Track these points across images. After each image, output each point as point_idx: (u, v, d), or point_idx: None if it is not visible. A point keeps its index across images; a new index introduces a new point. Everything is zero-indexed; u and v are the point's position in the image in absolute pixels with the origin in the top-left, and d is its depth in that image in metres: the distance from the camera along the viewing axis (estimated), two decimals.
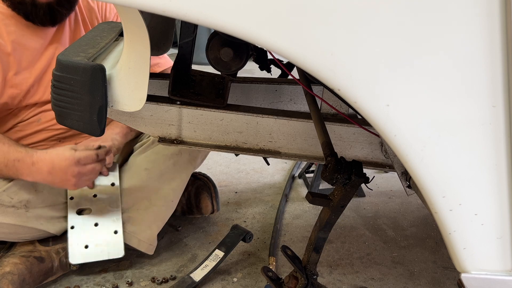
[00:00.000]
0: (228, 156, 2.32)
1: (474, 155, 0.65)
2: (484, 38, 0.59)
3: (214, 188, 1.67)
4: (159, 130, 1.07)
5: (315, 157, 1.10)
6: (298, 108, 1.26)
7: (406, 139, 0.63)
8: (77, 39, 1.02)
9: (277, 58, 1.08)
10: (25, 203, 1.29)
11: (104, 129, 0.86)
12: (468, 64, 0.60)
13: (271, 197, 1.96)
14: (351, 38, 0.59)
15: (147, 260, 1.48)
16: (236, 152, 1.10)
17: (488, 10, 0.58)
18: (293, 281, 0.98)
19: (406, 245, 1.59)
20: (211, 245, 1.57)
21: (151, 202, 1.43)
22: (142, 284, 1.37)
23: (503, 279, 0.71)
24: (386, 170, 1.10)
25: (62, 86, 0.83)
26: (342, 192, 0.85)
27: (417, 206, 1.87)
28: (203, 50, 0.96)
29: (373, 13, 0.58)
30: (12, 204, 1.27)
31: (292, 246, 1.57)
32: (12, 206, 1.27)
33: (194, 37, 1.01)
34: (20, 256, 1.30)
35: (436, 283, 1.38)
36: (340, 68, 0.60)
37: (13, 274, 1.24)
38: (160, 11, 0.58)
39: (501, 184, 0.66)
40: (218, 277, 1.40)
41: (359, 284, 1.39)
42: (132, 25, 0.79)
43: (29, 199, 1.29)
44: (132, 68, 0.81)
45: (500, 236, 0.69)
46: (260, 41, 0.59)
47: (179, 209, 1.65)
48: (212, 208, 1.67)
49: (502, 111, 0.62)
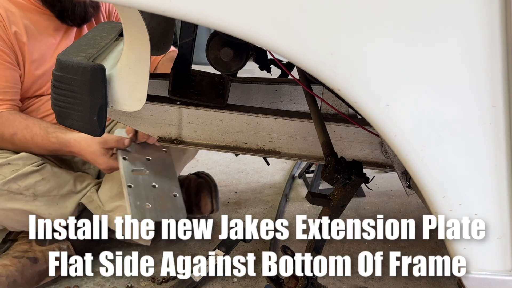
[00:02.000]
0: (228, 156, 2.32)
1: (474, 155, 0.65)
2: (484, 38, 0.59)
3: (214, 187, 1.66)
4: (159, 130, 1.07)
5: (315, 157, 1.10)
6: (298, 108, 1.26)
7: (406, 139, 0.63)
8: (77, 39, 1.02)
9: (277, 58, 1.08)
10: (33, 190, 1.29)
11: (104, 129, 0.86)
12: (468, 64, 0.60)
13: (271, 197, 1.96)
14: (351, 38, 0.59)
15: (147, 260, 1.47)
16: (236, 152, 1.10)
17: (488, 10, 0.58)
18: (293, 281, 0.98)
19: (406, 245, 1.59)
20: (211, 245, 1.57)
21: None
22: (142, 284, 1.36)
23: (503, 279, 0.71)
24: (386, 170, 1.10)
25: (62, 86, 0.83)
26: (342, 192, 0.85)
27: (417, 206, 1.87)
28: (203, 50, 0.96)
29: (373, 13, 0.58)
30: (20, 191, 1.27)
31: (292, 246, 1.57)
32: (20, 193, 1.27)
33: (194, 37, 1.01)
34: (13, 257, 1.29)
35: (436, 283, 1.38)
36: (340, 68, 0.60)
37: (0, 276, 1.23)
38: (160, 11, 0.58)
39: (501, 184, 0.66)
40: (218, 277, 1.40)
41: (359, 284, 1.39)
42: (132, 25, 0.79)
43: (36, 187, 1.30)
44: (132, 68, 0.81)
45: (500, 236, 0.69)
46: (260, 41, 0.59)
47: None
48: (212, 207, 1.65)
49: (502, 111, 0.62)
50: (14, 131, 1.29)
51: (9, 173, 1.26)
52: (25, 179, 1.28)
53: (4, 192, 1.25)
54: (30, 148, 1.32)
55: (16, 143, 1.31)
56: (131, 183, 1.28)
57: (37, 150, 1.33)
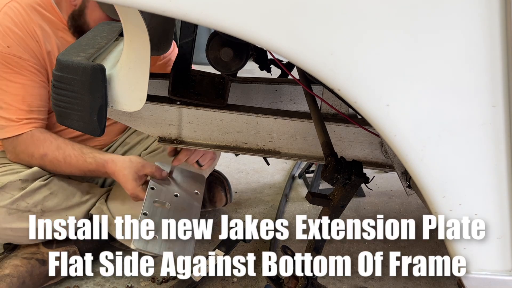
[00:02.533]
0: (228, 156, 2.32)
1: (474, 155, 0.65)
2: (484, 38, 0.59)
3: (226, 181, 1.73)
4: (159, 130, 1.07)
5: (315, 157, 1.10)
6: (298, 108, 1.26)
7: (406, 139, 0.63)
8: (77, 39, 1.02)
9: (277, 58, 1.08)
10: (41, 206, 1.29)
11: (104, 129, 0.86)
12: (468, 64, 0.60)
13: (271, 197, 1.96)
14: (351, 38, 0.59)
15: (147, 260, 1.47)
16: (236, 152, 1.10)
17: (488, 10, 0.58)
18: (293, 281, 0.98)
19: (406, 245, 1.59)
20: (211, 245, 1.57)
21: None
22: (142, 284, 1.36)
23: (503, 279, 0.71)
24: (386, 170, 1.09)
25: (62, 86, 0.83)
26: (342, 192, 0.85)
27: (417, 206, 1.87)
28: (203, 50, 0.96)
29: (373, 13, 0.58)
30: (28, 209, 1.27)
31: (292, 246, 1.57)
32: (28, 211, 1.27)
33: (194, 37, 1.01)
34: (22, 258, 1.30)
35: (436, 283, 1.38)
36: (340, 68, 0.60)
37: (12, 277, 1.23)
38: (160, 11, 0.58)
39: (501, 184, 0.66)
40: (218, 277, 1.40)
41: (359, 284, 1.38)
42: (132, 25, 0.79)
43: (44, 202, 1.30)
44: (132, 68, 0.81)
45: (500, 236, 0.69)
46: (260, 41, 0.59)
47: None
48: (226, 199, 1.73)
49: (502, 111, 0.62)
50: (45, 152, 1.27)
51: (17, 190, 1.26)
52: (33, 195, 1.28)
53: (13, 211, 1.25)
54: (61, 169, 1.30)
55: (46, 164, 1.29)
56: (147, 211, 1.25)
57: (69, 171, 1.32)
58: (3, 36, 1.22)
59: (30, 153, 1.28)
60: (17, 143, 1.27)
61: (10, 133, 1.26)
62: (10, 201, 1.24)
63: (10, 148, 1.30)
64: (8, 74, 1.23)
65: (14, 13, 1.25)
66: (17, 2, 1.27)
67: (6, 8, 1.25)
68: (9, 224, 1.26)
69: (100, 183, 1.60)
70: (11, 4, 1.26)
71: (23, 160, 1.30)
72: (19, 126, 1.26)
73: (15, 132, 1.26)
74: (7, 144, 1.30)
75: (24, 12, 1.26)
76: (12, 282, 1.23)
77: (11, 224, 1.26)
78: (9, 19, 1.24)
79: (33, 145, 1.27)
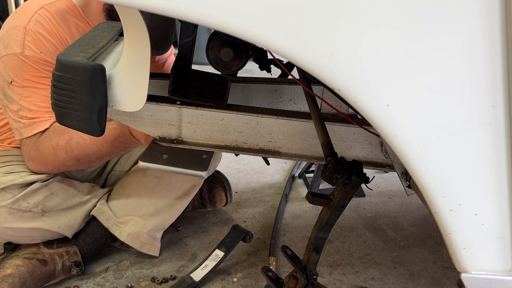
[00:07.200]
0: (228, 156, 2.32)
1: (474, 155, 0.65)
2: (484, 38, 0.59)
3: (226, 181, 1.75)
4: (159, 130, 1.07)
5: (315, 157, 1.10)
6: (298, 108, 1.26)
7: (406, 139, 0.63)
8: (77, 39, 1.02)
9: (277, 58, 1.08)
10: (42, 206, 1.30)
11: (104, 129, 0.86)
12: (468, 64, 0.60)
13: (271, 197, 1.96)
14: (351, 37, 0.59)
15: (147, 260, 1.48)
16: (236, 152, 1.10)
17: (488, 9, 0.58)
18: (293, 281, 0.98)
19: (406, 245, 1.59)
20: (211, 245, 1.57)
21: (157, 209, 1.45)
22: (142, 284, 1.37)
23: (503, 279, 0.71)
24: (386, 170, 1.09)
25: (62, 86, 0.83)
26: (342, 192, 0.85)
27: (417, 206, 1.87)
28: (203, 50, 0.96)
29: (373, 13, 0.58)
30: (29, 209, 1.28)
31: (292, 246, 1.57)
32: (29, 211, 1.28)
33: (194, 37, 1.01)
34: (23, 258, 1.30)
35: (436, 283, 1.38)
36: (340, 68, 0.60)
37: (13, 277, 1.24)
38: (160, 11, 0.58)
39: (501, 184, 0.66)
40: (218, 277, 1.41)
41: (359, 284, 1.39)
42: (132, 25, 0.79)
43: (45, 202, 1.31)
44: (132, 68, 0.81)
45: (500, 236, 0.69)
46: (260, 41, 0.59)
47: (190, 205, 1.67)
48: (226, 200, 1.75)
49: (502, 111, 0.62)
50: (70, 136, 1.28)
51: (18, 190, 1.27)
52: (33, 195, 1.28)
53: (14, 211, 1.26)
54: (89, 148, 1.29)
55: (73, 148, 1.28)
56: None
57: (96, 148, 1.30)
58: (36, 43, 1.25)
59: (54, 144, 1.27)
60: (41, 140, 1.27)
61: (37, 129, 1.26)
62: (11, 201, 1.25)
63: (32, 152, 1.28)
64: (40, 78, 1.25)
65: (45, 21, 1.27)
66: (46, 10, 1.29)
67: (37, 15, 1.27)
68: (10, 224, 1.26)
69: (101, 184, 1.60)
70: (41, 12, 1.28)
71: (47, 159, 1.29)
72: (44, 122, 1.27)
73: (41, 127, 1.26)
74: (29, 146, 1.28)
75: (54, 20, 1.29)
76: (14, 282, 1.23)
77: (12, 224, 1.27)
78: (41, 26, 1.26)
79: (56, 135, 1.27)
